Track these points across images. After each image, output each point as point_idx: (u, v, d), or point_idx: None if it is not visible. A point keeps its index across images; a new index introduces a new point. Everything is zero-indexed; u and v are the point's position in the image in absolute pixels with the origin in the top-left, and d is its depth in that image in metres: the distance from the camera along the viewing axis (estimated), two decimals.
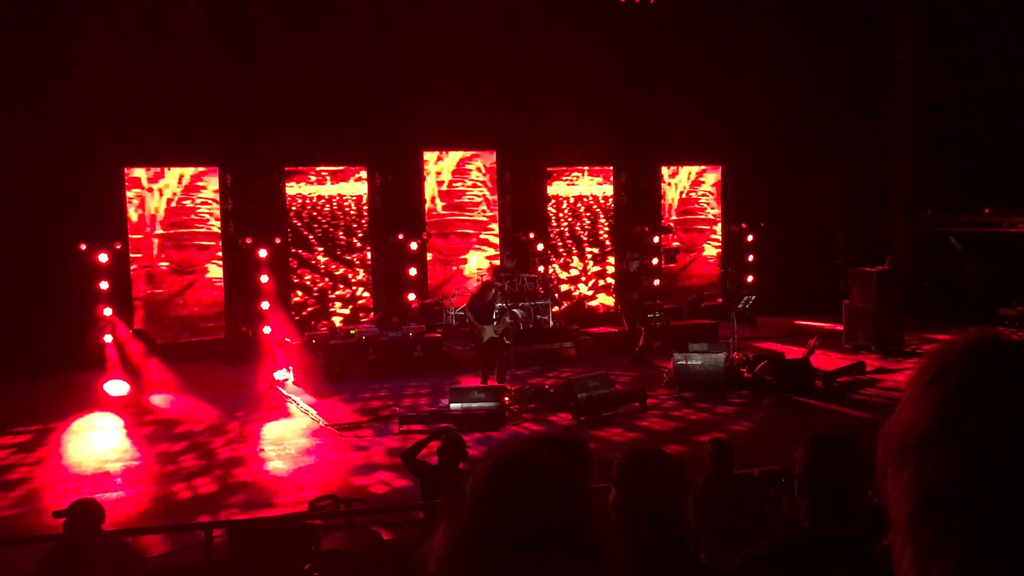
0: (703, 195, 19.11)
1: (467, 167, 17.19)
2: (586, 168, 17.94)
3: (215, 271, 15.61)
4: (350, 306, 16.27)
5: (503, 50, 16.53)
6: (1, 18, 13.80)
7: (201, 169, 15.38)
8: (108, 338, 13.54)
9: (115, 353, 13.37)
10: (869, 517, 4.40)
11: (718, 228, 19.22)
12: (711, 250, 19.26)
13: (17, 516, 7.96)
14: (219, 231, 15.49)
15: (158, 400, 12.37)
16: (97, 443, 10.43)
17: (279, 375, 13.37)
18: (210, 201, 15.43)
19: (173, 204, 15.26)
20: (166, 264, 15.38)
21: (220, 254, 15.53)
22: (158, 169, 15.12)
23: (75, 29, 14.07)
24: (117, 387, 12.38)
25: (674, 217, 18.80)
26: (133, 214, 15.03)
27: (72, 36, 14.06)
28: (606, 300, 17.85)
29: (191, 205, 15.40)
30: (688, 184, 18.99)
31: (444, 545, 1.27)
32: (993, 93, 17.35)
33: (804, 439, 2.68)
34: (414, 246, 15.96)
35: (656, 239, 17.87)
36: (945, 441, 0.98)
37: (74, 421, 11.32)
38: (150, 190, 15.13)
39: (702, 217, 19.18)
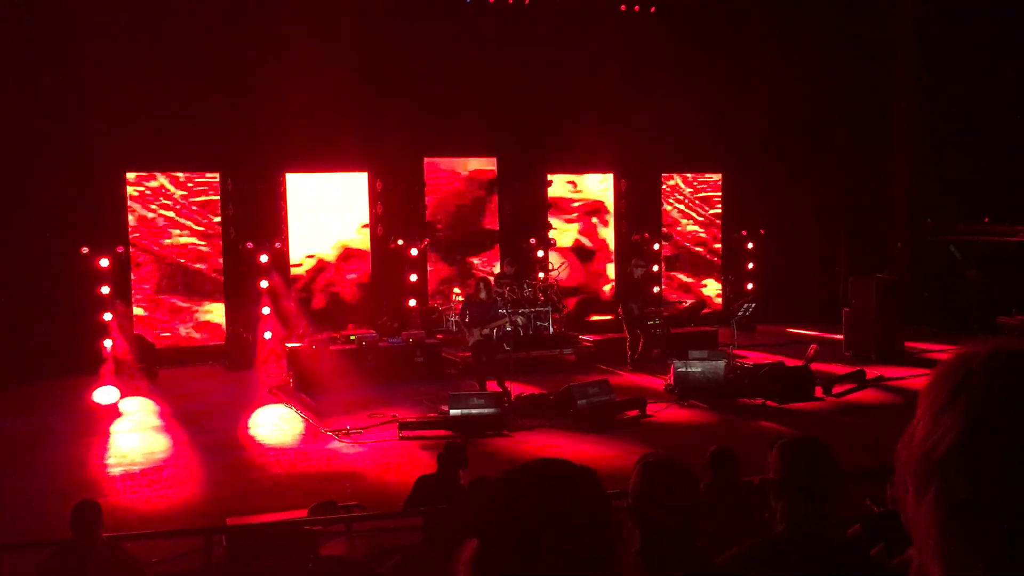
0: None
1: None
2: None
3: None
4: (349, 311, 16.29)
5: (505, 57, 16.56)
6: (3, 25, 13.83)
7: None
8: (108, 343, 13.56)
9: (113, 358, 13.40)
10: (869, 524, 4.39)
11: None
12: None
13: (17, 521, 7.95)
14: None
15: (156, 405, 12.37)
16: (96, 448, 10.42)
17: (279, 380, 13.37)
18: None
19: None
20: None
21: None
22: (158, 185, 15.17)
23: (76, 35, 14.09)
24: (108, 394, 12.36)
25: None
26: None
27: (74, 42, 14.09)
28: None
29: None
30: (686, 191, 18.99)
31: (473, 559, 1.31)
32: (994, 101, 17.37)
33: (775, 445, 2.68)
34: (414, 252, 15.97)
35: (656, 246, 17.89)
36: (974, 458, 0.96)
37: (73, 426, 11.29)
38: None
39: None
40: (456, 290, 16.30)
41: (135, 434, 11.03)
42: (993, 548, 0.93)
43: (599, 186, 18.26)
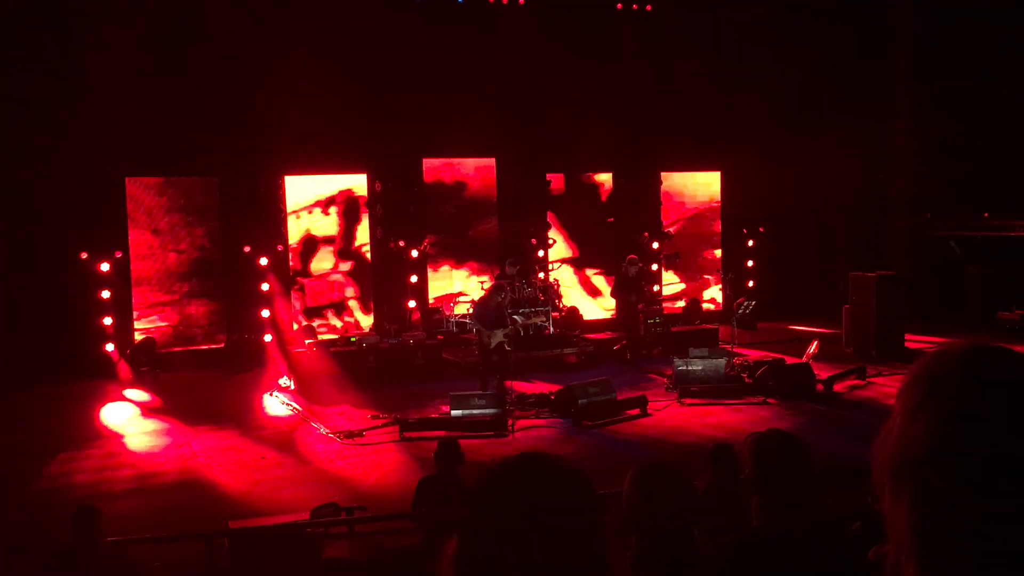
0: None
1: None
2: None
3: None
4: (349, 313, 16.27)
5: (502, 58, 16.54)
6: (6, 33, 13.84)
7: None
8: (109, 347, 13.57)
9: (114, 362, 13.40)
10: (870, 521, 4.39)
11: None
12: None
13: (22, 526, 7.96)
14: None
15: (158, 408, 12.36)
16: (98, 453, 10.42)
17: (280, 383, 13.37)
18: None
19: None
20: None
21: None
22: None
23: (75, 40, 14.10)
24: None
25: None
26: None
27: (72, 47, 14.09)
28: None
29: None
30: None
31: (456, 555, 1.27)
32: (993, 97, 17.37)
33: (746, 441, 2.68)
34: (414, 253, 15.96)
35: (655, 245, 17.87)
36: (948, 463, 0.94)
37: (73, 431, 11.29)
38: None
39: None
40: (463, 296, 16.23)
41: (136, 437, 11.02)
42: (967, 549, 0.92)
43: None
